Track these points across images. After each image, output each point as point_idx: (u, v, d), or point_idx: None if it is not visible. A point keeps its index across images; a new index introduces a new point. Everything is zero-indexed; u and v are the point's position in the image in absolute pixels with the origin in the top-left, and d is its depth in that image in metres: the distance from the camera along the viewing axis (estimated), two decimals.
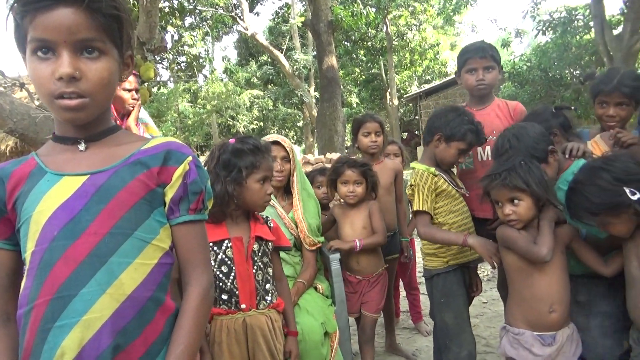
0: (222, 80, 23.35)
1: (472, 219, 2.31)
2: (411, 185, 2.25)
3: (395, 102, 21.01)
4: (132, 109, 2.63)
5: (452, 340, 2.18)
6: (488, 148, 2.39)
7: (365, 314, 2.55)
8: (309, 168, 5.73)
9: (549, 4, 26.40)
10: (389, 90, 21.40)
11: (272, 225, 1.90)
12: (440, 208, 2.22)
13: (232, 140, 1.83)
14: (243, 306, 1.71)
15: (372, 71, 22.99)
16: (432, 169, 2.21)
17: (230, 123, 21.90)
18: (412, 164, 2.35)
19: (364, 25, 19.19)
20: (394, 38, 20.32)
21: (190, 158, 1.02)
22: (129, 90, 2.57)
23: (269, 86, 23.37)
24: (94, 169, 0.97)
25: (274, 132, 22.87)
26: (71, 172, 0.97)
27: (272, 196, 2.42)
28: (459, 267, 2.24)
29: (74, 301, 0.90)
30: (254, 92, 21.74)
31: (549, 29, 13.88)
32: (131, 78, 2.52)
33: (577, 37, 13.84)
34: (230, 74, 23.82)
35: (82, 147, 0.99)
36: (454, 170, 2.43)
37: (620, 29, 11.01)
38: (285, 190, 2.51)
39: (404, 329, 3.57)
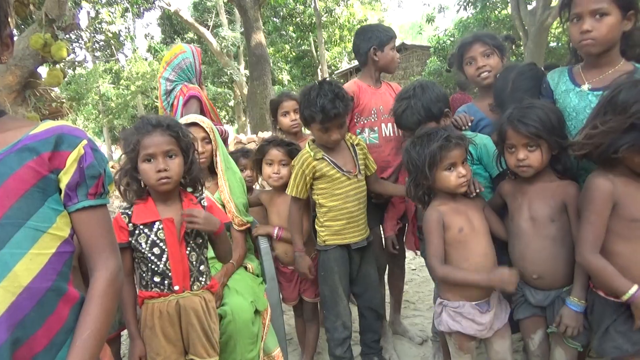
0: (145, 59, 22.24)
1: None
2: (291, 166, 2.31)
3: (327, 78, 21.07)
4: None
5: (329, 311, 2.32)
6: (390, 124, 2.55)
7: (305, 299, 2.55)
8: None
9: None
10: (320, 66, 21.40)
11: (206, 204, 1.85)
12: (321, 190, 2.25)
13: None
14: (176, 288, 1.70)
15: (303, 48, 22.86)
16: (315, 154, 2.20)
17: (157, 104, 21.00)
18: (308, 142, 2.32)
19: (291, 1, 18.99)
20: (323, 14, 20.26)
21: (84, 141, 0.98)
22: None
23: None
24: None
25: None
26: None
27: None
28: (339, 246, 2.28)
29: None
30: None
31: (469, 4, 14.45)
32: None
33: (496, 12, 14.53)
34: (155, 52, 22.68)
35: None
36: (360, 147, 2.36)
37: (534, 4, 11.66)
38: (210, 171, 2.45)
39: None
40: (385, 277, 2.90)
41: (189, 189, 1.85)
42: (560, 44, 13.22)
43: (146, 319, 1.71)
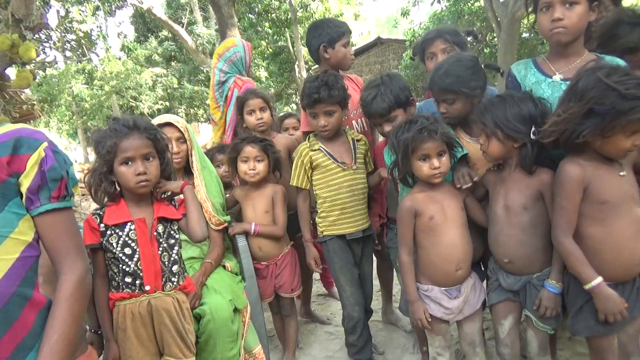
0: (119, 58, 21.80)
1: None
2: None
3: (304, 74, 20.97)
4: None
5: (342, 296, 2.42)
6: (360, 120, 2.64)
7: (283, 295, 2.55)
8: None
9: None
10: (297, 62, 21.30)
11: (176, 203, 1.87)
12: (317, 180, 2.37)
13: None
14: (147, 288, 1.69)
15: (279, 44, 22.68)
16: (312, 145, 2.34)
17: (133, 104, 20.62)
18: (309, 135, 2.42)
19: None
20: (298, 9, 20.14)
21: (45, 144, 0.96)
22: None
23: (172, 63, 22.17)
24: None
25: (181, 111, 21.94)
26: None
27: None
28: (337, 237, 2.37)
29: None
30: (156, 70, 20.52)
31: None
32: None
33: (469, 4, 14.65)
34: (129, 51, 22.24)
35: None
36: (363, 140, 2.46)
37: None
38: (186, 171, 2.43)
39: (319, 295, 3.69)
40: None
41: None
42: (532, 35, 13.42)
43: (118, 321, 1.70)
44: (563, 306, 1.78)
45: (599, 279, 1.56)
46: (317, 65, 2.71)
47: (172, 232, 1.82)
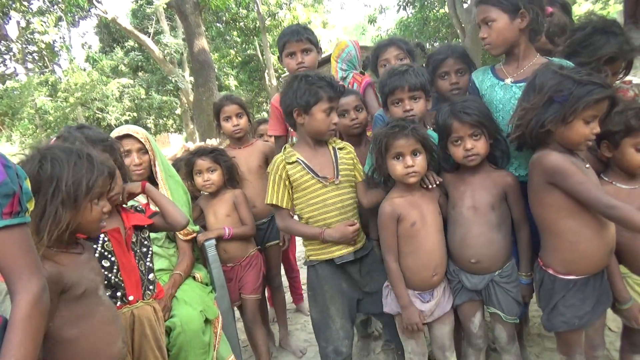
0: (84, 69, 21.33)
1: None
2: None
3: (274, 82, 20.97)
4: None
5: (319, 335, 2.10)
6: None
7: (244, 297, 2.53)
8: None
9: None
10: (267, 70, 21.28)
11: (142, 208, 1.88)
12: (297, 201, 2.04)
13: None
14: (131, 298, 1.67)
15: (248, 52, 22.64)
16: (289, 157, 2.01)
17: (100, 116, 20.18)
18: (284, 146, 2.13)
19: (233, 5, 18.77)
20: (266, 17, 20.15)
21: None
22: None
23: (139, 73, 21.82)
24: None
25: (150, 122, 21.58)
26: None
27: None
28: (327, 262, 2.04)
29: None
30: (122, 80, 20.16)
31: (409, 4, 14.83)
32: None
33: (434, 11, 14.97)
34: (94, 62, 21.79)
35: None
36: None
37: (469, 2, 12.09)
38: (151, 182, 2.39)
39: (287, 309, 3.62)
40: None
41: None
42: None
43: None
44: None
45: None
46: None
47: (143, 240, 1.81)
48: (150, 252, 1.83)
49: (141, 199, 2.06)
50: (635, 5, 2.28)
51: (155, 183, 2.33)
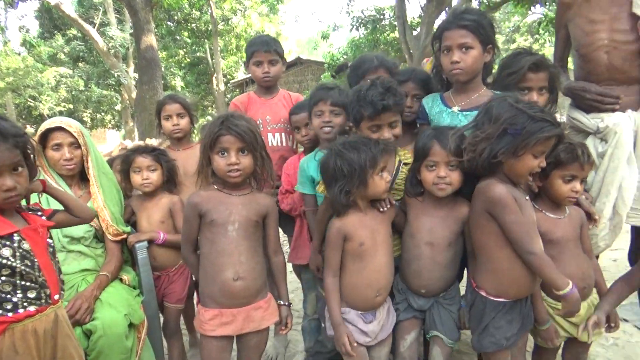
0: (19, 54, 20.07)
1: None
2: None
3: (222, 87, 20.74)
4: None
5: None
6: (277, 134, 2.60)
7: (167, 305, 2.43)
8: None
9: (362, 3, 28.86)
10: (215, 74, 21.01)
11: (37, 208, 1.69)
12: None
13: None
14: (56, 297, 1.57)
15: (198, 54, 22.29)
16: None
17: (32, 104, 19.01)
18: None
19: (187, 6, 18.46)
20: (219, 22, 19.99)
21: None
22: None
23: (80, 64, 20.82)
24: None
25: (86, 115, 20.60)
26: None
27: (66, 186, 2.21)
28: None
29: None
30: (60, 69, 19.15)
31: (361, 25, 15.22)
32: None
33: (385, 34, 15.47)
34: (30, 47, 20.54)
35: None
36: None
37: (419, 30, 12.60)
38: (82, 178, 2.29)
39: None
40: None
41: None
42: None
43: (9, 349, 1.46)
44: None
45: (571, 284, 1.63)
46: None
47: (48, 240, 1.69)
48: (55, 252, 1.69)
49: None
50: (563, 51, 2.48)
51: (86, 179, 2.25)
